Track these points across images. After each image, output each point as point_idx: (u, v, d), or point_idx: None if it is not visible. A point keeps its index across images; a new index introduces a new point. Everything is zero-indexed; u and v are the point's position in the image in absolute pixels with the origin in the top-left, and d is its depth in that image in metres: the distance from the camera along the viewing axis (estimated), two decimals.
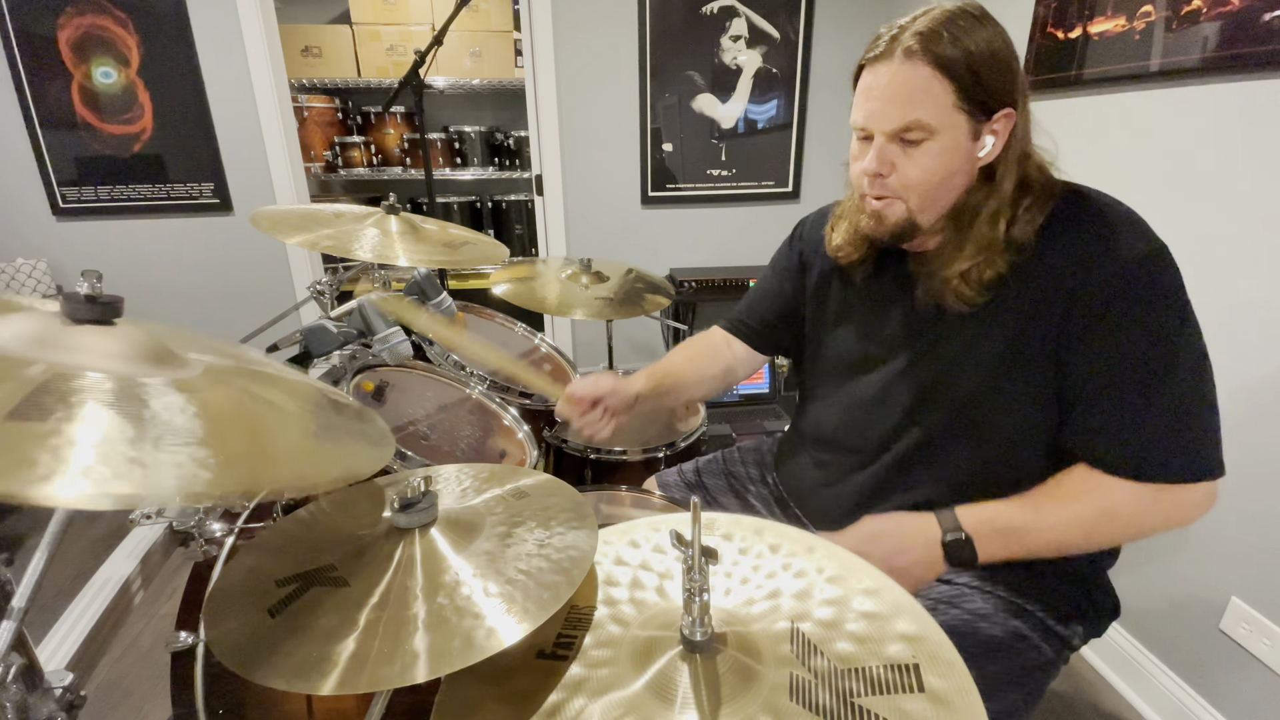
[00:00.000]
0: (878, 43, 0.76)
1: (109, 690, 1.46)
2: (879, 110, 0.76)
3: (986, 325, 0.80)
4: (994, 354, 0.80)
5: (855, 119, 0.80)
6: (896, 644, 0.51)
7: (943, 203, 0.80)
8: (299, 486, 0.48)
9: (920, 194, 0.78)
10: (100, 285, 0.48)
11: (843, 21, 2.43)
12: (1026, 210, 0.77)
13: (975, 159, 0.77)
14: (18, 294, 2.19)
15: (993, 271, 0.77)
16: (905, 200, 0.79)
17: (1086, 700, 1.47)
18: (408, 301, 0.93)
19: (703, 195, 2.58)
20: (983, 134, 0.76)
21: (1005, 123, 0.76)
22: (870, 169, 0.79)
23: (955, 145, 0.75)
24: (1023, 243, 0.76)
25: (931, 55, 0.72)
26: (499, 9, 3.06)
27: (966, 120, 0.74)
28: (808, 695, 0.47)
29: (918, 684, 0.47)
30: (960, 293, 0.79)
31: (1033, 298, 0.77)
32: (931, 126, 0.74)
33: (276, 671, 0.47)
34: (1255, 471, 1.16)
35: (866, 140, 0.80)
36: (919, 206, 0.79)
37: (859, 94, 0.80)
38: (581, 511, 0.64)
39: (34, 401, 0.39)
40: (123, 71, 2.17)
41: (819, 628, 0.53)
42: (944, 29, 0.72)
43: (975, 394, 0.81)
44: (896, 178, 0.78)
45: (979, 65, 0.72)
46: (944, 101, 0.73)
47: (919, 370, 0.86)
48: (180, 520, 0.82)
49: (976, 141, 0.76)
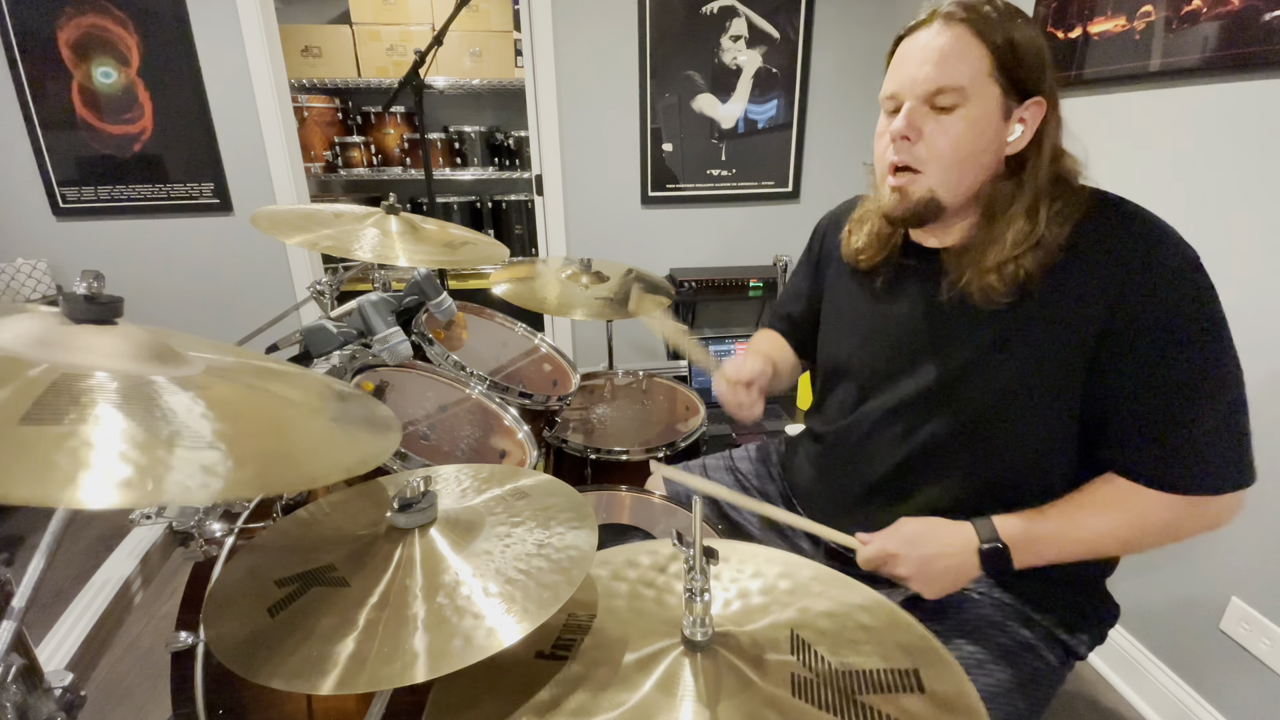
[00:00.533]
0: (918, 14, 0.77)
1: (109, 690, 1.46)
2: (914, 73, 0.76)
3: (1008, 329, 0.78)
4: (1013, 359, 0.78)
5: (886, 89, 0.80)
6: (895, 651, 0.53)
7: (968, 181, 0.78)
8: (329, 473, 0.47)
9: (945, 167, 0.77)
10: (99, 285, 0.48)
11: (843, 21, 2.43)
12: (1058, 212, 0.76)
13: (1003, 142, 0.77)
14: (18, 294, 2.19)
15: (1024, 269, 0.75)
16: (928, 174, 0.78)
17: (1086, 699, 1.47)
18: (683, 330, 0.95)
19: (703, 195, 2.58)
20: (1013, 117, 0.76)
21: (1035, 111, 0.75)
22: (899, 129, 0.77)
23: (985, 117, 0.75)
24: (1052, 245, 0.75)
25: (972, 20, 0.73)
26: (499, 9, 3.06)
27: (999, 95, 0.74)
28: (810, 692, 0.48)
29: (918, 685, 0.49)
30: (990, 287, 0.77)
31: (1063, 304, 0.75)
32: (965, 90, 0.73)
33: (276, 671, 0.47)
34: (1257, 473, 1.16)
35: (894, 114, 0.79)
36: (942, 182, 0.78)
37: (894, 64, 0.79)
38: (581, 511, 0.64)
39: (46, 404, 0.39)
40: (123, 71, 2.17)
41: (818, 635, 0.54)
42: (985, 4, 0.74)
43: (989, 399, 0.80)
44: (924, 146, 0.77)
45: (1016, 39, 0.73)
46: (979, 67, 0.73)
47: (936, 370, 0.84)
48: (180, 520, 0.82)
49: (1007, 123, 0.76)
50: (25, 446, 0.36)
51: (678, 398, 1.63)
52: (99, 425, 0.39)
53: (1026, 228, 0.75)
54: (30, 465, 0.35)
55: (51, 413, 0.39)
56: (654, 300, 1.57)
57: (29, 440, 0.37)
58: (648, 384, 1.67)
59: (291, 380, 0.60)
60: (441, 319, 1.30)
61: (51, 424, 0.38)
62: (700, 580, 0.49)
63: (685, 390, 1.65)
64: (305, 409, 0.55)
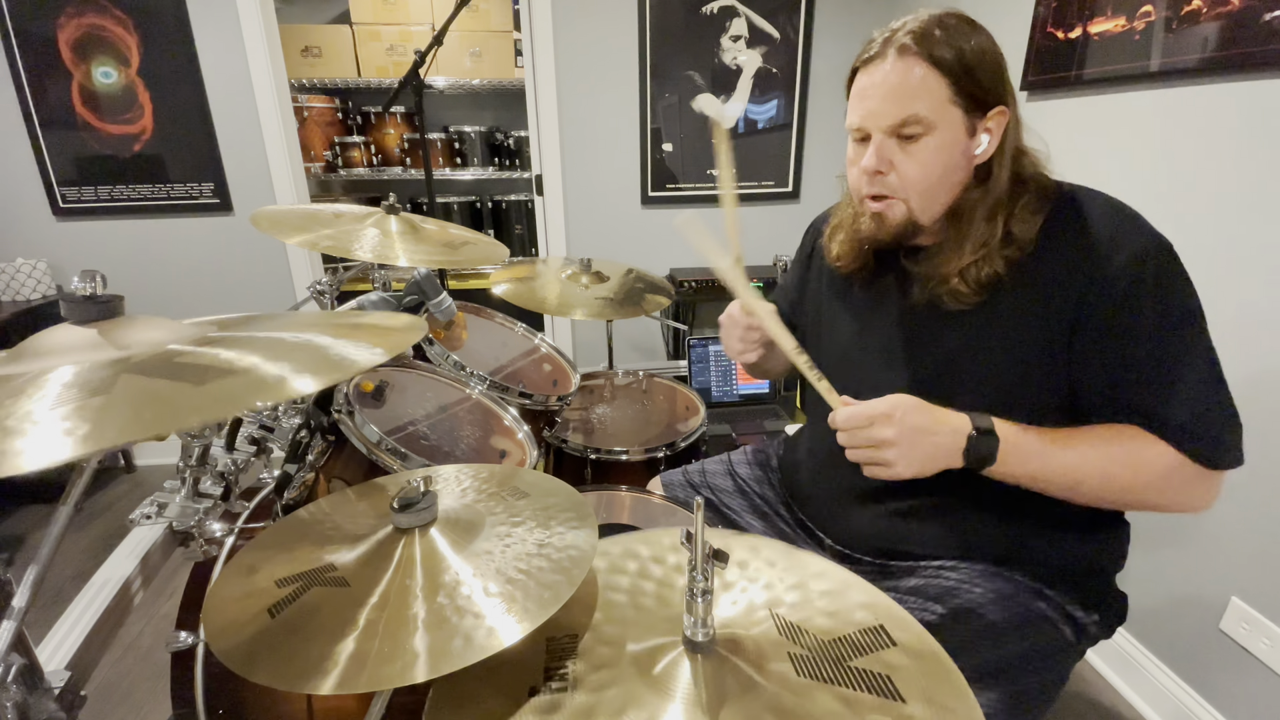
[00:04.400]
0: (870, 46, 0.79)
1: (109, 690, 1.46)
2: (876, 109, 0.77)
3: (983, 326, 0.80)
4: (989, 355, 0.80)
5: (851, 121, 0.81)
6: (860, 612, 0.57)
7: (943, 200, 0.80)
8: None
9: (920, 192, 0.79)
10: (98, 285, 0.48)
11: (843, 21, 2.43)
12: (1024, 208, 0.77)
13: (972, 156, 0.79)
14: (18, 294, 2.20)
15: (990, 270, 0.77)
16: (906, 200, 0.80)
17: (1086, 699, 1.47)
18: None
19: (703, 195, 2.57)
20: (978, 131, 0.77)
21: (999, 120, 0.77)
22: (870, 166, 0.79)
23: (952, 141, 0.77)
24: (1022, 241, 0.77)
25: (926, 51, 0.74)
26: (499, 9, 3.06)
27: (962, 116, 0.76)
28: (812, 669, 0.51)
29: (890, 640, 0.54)
30: (957, 291, 0.79)
31: (1033, 298, 0.77)
32: (929, 121, 0.75)
33: (276, 671, 0.47)
34: (1256, 472, 1.16)
35: (863, 143, 0.81)
36: (920, 206, 0.80)
37: (854, 96, 0.81)
38: (581, 511, 0.64)
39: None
40: (123, 71, 2.17)
41: (792, 610, 0.57)
42: (935, 28, 0.75)
43: (970, 396, 0.81)
44: (895, 176, 0.79)
45: (972, 61, 0.74)
46: (939, 96, 0.75)
47: (912, 371, 0.86)
48: (180, 520, 0.82)
49: (972, 139, 0.78)
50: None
51: (678, 398, 1.63)
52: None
53: (986, 231, 0.77)
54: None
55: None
56: (654, 301, 1.57)
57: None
58: (648, 384, 1.67)
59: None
60: (441, 319, 1.30)
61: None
62: (702, 581, 0.49)
63: (685, 390, 1.65)
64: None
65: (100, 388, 0.40)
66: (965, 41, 0.74)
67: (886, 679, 0.50)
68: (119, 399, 0.39)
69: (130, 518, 0.77)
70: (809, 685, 0.49)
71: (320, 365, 0.46)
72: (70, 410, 0.38)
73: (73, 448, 0.35)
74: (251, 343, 0.49)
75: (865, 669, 0.51)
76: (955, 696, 0.49)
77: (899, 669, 0.51)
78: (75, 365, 0.43)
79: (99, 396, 0.39)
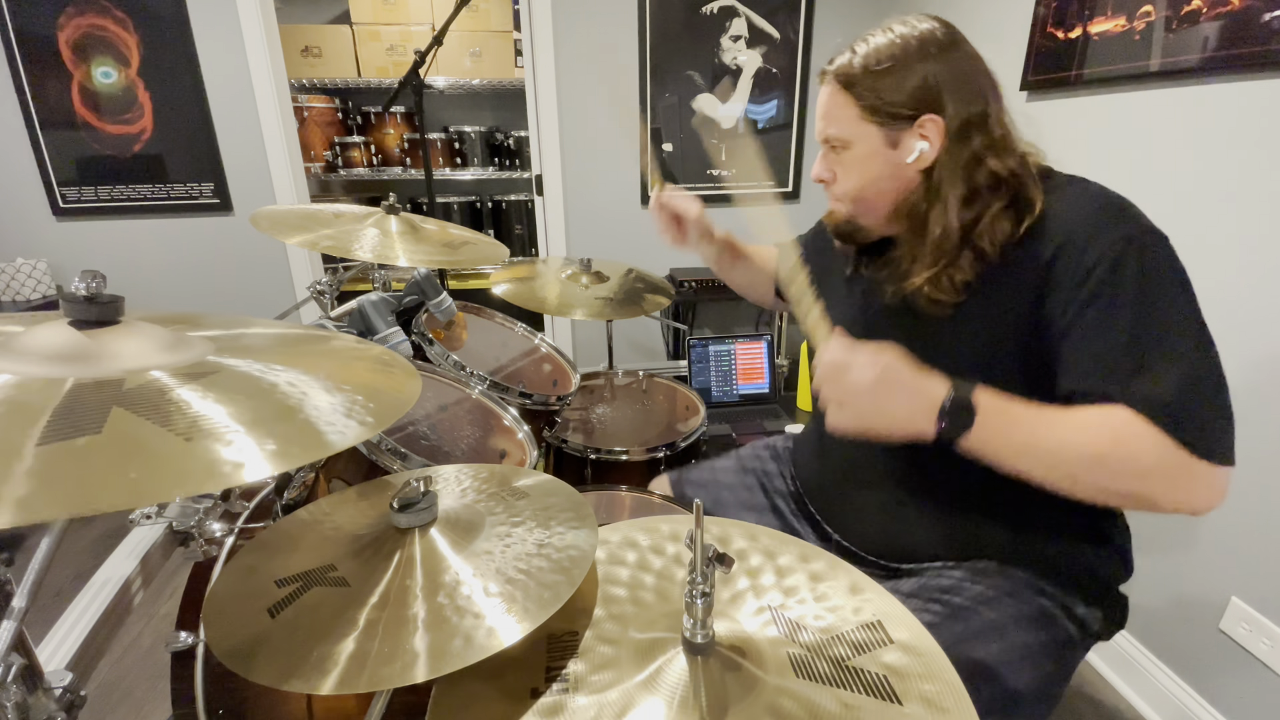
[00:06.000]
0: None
1: (109, 690, 1.46)
2: (816, 124, 0.89)
3: (955, 325, 0.80)
4: (969, 350, 0.80)
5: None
6: (853, 599, 0.58)
7: (879, 207, 0.86)
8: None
9: (852, 198, 0.87)
10: (97, 285, 0.48)
11: (843, 21, 2.43)
12: (1003, 211, 0.76)
13: (902, 164, 0.81)
14: (18, 294, 2.19)
15: (961, 276, 0.78)
16: (844, 204, 0.89)
17: (1086, 699, 1.47)
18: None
19: (703, 195, 2.57)
20: (904, 141, 0.80)
21: (934, 127, 0.78)
22: (815, 174, 0.91)
23: (871, 153, 0.82)
24: (999, 241, 0.76)
25: (839, 77, 0.82)
26: (499, 9, 3.06)
27: (878, 129, 0.81)
28: (810, 670, 0.51)
29: (888, 637, 0.54)
30: (927, 297, 0.80)
31: (1003, 295, 0.77)
32: (844, 139, 0.83)
33: (276, 671, 0.47)
34: (1256, 471, 1.16)
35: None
36: (855, 210, 0.88)
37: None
38: (581, 511, 0.64)
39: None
40: (123, 71, 2.17)
41: (791, 606, 0.58)
42: (852, 49, 0.82)
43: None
44: (837, 185, 0.88)
45: (881, 85, 0.79)
46: (851, 114, 0.82)
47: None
48: (180, 520, 0.82)
49: (897, 149, 0.81)
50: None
51: (677, 398, 1.63)
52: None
53: (941, 238, 0.79)
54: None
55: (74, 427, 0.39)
56: (654, 301, 1.57)
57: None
58: (648, 384, 1.67)
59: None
60: (441, 319, 1.30)
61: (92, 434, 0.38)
62: (701, 583, 0.49)
63: (685, 390, 1.65)
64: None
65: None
66: (876, 58, 0.79)
67: (884, 679, 0.50)
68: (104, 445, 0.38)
69: (130, 518, 0.77)
70: (808, 687, 0.49)
71: (295, 443, 0.44)
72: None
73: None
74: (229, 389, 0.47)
75: (864, 669, 0.51)
76: (953, 696, 0.49)
77: (898, 669, 0.51)
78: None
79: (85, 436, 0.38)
